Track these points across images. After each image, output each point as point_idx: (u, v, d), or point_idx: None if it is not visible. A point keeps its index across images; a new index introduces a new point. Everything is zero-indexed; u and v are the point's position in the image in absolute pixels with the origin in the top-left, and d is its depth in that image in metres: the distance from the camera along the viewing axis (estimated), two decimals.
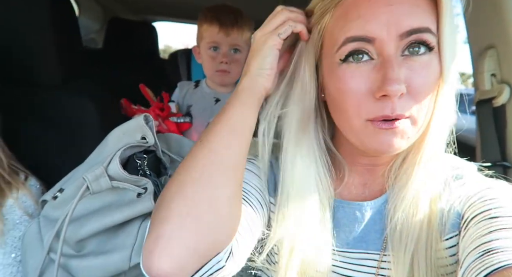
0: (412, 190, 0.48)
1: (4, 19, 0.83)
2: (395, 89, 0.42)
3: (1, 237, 0.63)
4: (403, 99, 0.43)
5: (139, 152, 0.61)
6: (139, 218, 0.56)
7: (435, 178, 0.49)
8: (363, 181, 0.54)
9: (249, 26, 1.19)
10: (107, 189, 0.54)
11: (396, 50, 0.44)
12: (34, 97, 0.87)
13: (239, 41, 1.17)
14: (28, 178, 0.71)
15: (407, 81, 0.43)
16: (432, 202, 0.48)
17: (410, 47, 0.44)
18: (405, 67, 0.44)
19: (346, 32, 0.45)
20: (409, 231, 0.47)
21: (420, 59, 0.44)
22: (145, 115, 0.62)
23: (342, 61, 0.46)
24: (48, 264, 0.55)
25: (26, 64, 0.86)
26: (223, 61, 1.16)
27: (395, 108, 0.43)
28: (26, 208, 0.67)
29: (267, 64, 0.49)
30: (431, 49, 0.44)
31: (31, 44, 0.84)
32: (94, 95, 0.93)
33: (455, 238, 0.47)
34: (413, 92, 0.44)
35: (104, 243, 0.55)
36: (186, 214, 0.41)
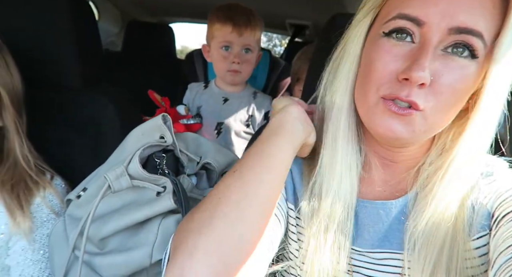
0: (440, 190, 0.47)
1: (27, 24, 0.86)
2: (417, 76, 0.41)
3: (30, 235, 0.66)
4: (423, 90, 0.42)
5: (158, 151, 0.62)
6: (159, 216, 0.57)
7: (466, 181, 0.47)
8: (385, 178, 0.53)
9: (260, 26, 1.19)
10: (127, 188, 0.56)
11: (439, 43, 0.42)
12: (57, 100, 0.90)
13: (251, 41, 1.17)
14: (53, 178, 0.74)
15: (435, 75, 0.42)
16: (460, 200, 0.46)
17: (454, 46, 0.42)
18: (439, 62, 0.42)
19: (402, 8, 0.44)
20: (436, 230, 0.46)
21: (459, 60, 0.42)
22: (163, 115, 0.64)
23: (385, 34, 0.45)
24: (74, 261, 0.57)
25: (49, 68, 0.89)
26: (234, 61, 1.16)
27: (411, 94, 0.42)
28: (53, 207, 0.70)
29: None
30: (474, 57, 0.41)
31: (53, 48, 0.87)
32: (114, 96, 0.95)
33: (484, 238, 0.45)
34: (436, 88, 0.42)
35: (125, 240, 0.57)
36: (213, 252, 0.38)
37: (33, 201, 0.68)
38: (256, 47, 1.20)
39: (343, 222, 0.50)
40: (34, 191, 0.68)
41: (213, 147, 0.70)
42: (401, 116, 0.43)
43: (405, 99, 0.42)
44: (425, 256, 0.45)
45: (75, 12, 0.87)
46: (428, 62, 0.41)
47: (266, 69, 1.70)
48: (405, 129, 0.44)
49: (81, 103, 0.90)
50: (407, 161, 0.52)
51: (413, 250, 0.47)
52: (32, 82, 0.85)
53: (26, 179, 0.68)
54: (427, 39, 0.42)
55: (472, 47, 0.41)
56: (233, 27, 1.13)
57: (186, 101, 1.32)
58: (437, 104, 0.43)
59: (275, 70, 1.71)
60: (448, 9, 0.41)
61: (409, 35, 0.43)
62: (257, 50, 1.21)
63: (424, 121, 0.44)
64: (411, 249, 0.47)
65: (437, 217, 0.46)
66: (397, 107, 0.43)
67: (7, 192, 0.66)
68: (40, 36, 0.86)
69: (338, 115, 0.52)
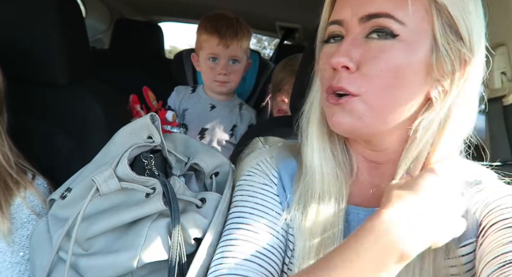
0: None
1: (13, 19, 0.84)
2: (336, 61, 0.45)
3: (9, 236, 0.64)
4: (352, 76, 0.45)
5: (146, 152, 0.61)
6: (149, 219, 0.55)
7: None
8: (373, 182, 0.54)
9: (248, 36, 1.21)
10: (116, 190, 0.54)
11: (360, 32, 0.46)
12: (42, 97, 0.88)
13: (238, 52, 1.18)
14: (35, 177, 0.71)
15: (360, 61, 0.45)
16: None
17: (373, 31, 0.45)
18: (362, 48, 0.45)
19: (331, 16, 0.50)
20: None
21: (379, 43, 0.45)
22: (151, 114, 0.62)
23: (325, 41, 0.51)
24: (57, 262, 0.56)
25: (34, 64, 0.86)
26: (221, 73, 1.18)
27: (340, 80, 0.46)
28: (34, 207, 0.68)
29: None
30: (393, 36, 0.44)
31: (39, 45, 0.85)
32: (101, 95, 0.93)
33: (471, 245, 0.46)
34: (365, 72, 0.45)
35: (112, 242, 0.55)
36: None
37: (13, 202, 0.66)
38: (244, 57, 1.21)
39: (332, 228, 0.50)
40: (15, 191, 0.66)
41: (202, 148, 0.69)
42: (339, 105, 0.46)
43: (336, 86, 0.46)
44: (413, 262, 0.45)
45: (61, 8, 0.86)
46: (346, 47, 0.45)
47: (255, 72, 1.70)
48: (350, 118, 0.46)
49: (66, 100, 0.88)
50: (390, 162, 0.52)
51: None
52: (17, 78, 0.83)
53: (6, 178, 0.66)
54: (347, 32, 0.47)
55: (386, 28, 0.44)
56: (220, 39, 1.15)
57: (171, 102, 1.32)
58: (372, 87, 0.45)
59: (264, 73, 1.71)
60: (355, 4, 0.46)
61: (340, 36, 0.49)
62: (245, 60, 1.22)
63: (366, 106, 0.45)
64: None
65: None
66: (334, 98, 0.47)
67: None
68: (26, 31, 0.84)
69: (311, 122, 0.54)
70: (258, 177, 0.57)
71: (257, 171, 0.57)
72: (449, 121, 0.46)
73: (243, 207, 0.54)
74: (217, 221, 0.56)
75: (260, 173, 0.57)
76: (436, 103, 0.46)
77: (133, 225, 0.55)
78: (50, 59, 0.86)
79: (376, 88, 0.45)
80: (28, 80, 0.87)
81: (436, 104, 0.46)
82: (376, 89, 0.45)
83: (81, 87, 0.91)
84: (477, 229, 0.46)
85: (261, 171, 0.57)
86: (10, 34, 0.84)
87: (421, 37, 0.44)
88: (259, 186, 0.55)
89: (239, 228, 0.52)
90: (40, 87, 0.88)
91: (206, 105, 1.26)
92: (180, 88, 1.34)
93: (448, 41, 0.44)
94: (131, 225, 0.55)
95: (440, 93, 0.46)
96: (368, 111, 0.46)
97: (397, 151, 0.51)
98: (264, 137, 0.85)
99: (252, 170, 0.58)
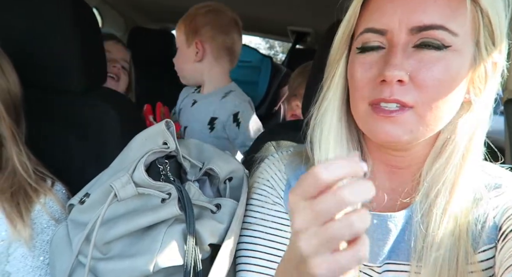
0: (444, 198, 0.46)
1: (32, 29, 0.86)
2: (391, 74, 0.43)
3: (31, 241, 0.65)
4: (405, 87, 0.44)
5: (161, 158, 0.62)
6: (165, 224, 0.56)
7: (468, 183, 0.47)
8: (391, 186, 0.53)
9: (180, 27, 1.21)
10: (133, 196, 0.55)
11: (408, 42, 0.44)
12: (59, 104, 0.90)
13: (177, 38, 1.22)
14: (54, 184, 0.73)
15: (413, 72, 0.43)
16: (466, 212, 0.46)
17: (422, 42, 0.44)
18: (413, 59, 0.44)
19: (366, 23, 0.47)
20: (441, 242, 0.45)
21: (431, 53, 0.44)
22: (166, 120, 0.63)
23: (358, 49, 0.48)
24: (76, 266, 0.57)
25: (52, 72, 0.89)
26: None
27: (393, 93, 0.44)
28: (53, 213, 0.69)
29: None
30: (444, 47, 0.43)
31: (56, 53, 0.87)
32: (116, 102, 0.95)
33: (490, 251, 0.45)
34: (418, 83, 0.43)
35: (129, 246, 0.56)
36: None
37: (33, 209, 0.68)
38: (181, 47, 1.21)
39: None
40: (34, 199, 0.68)
41: (216, 153, 0.70)
42: (392, 118, 0.44)
43: (390, 99, 0.44)
44: (432, 267, 0.44)
45: (79, 18, 0.88)
46: (399, 60, 0.43)
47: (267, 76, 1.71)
48: (401, 131, 0.45)
49: (82, 107, 0.90)
50: (413, 166, 0.51)
51: (420, 260, 0.46)
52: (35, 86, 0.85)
53: (26, 187, 0.68)
54: (393, 42, 0.45)
55: (437, 39, 0.43)
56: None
57: (178, 102, 1.33)
58: (426, 99, 0.44)
59: (276, 77, 1.71)
60: (404, 12, 0.44)
61: (377, 43, 0.47)
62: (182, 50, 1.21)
63: (419, 118, 0.44)
64: (418, 260, 0.46)
65: (442, 227, 0.46)
66: (385, 110, 0.44)
67: (7, 200, 0.65)
68: (44, 40, 0.87)
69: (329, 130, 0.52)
70: (269, 196, 0.58)
71: (268, 188, 0.59)
72: (479, 122, 0.47)
73: (254, 230, 0.56)
74: (235, 227, 0.57)
75: (271, 190, 0.58)
76: (475, 105, 0.47)
77: (149, 230, 0.56)
78: (67, 67, 0.88)
79: (430, 99, 0.44)
80: (46, 87, 0.90)
81: (475, 106, 0.47)
82: (430, 100, 0.44)
83: (97, 95, 0.93)
84: (496, 234, 0.45)
85: (271, 187, 0.58)
86: (29, 43, 0.87)
87: (469, 45, 0.44)
88: (270, 207, 0.57)
89: (253, 256, 0.54)
90: (58, 94, 0.90)
91: (189, 102, 1.24)
92: (186, 89, 1.34)
93: (487, 46, 0.45)
94: (147, 230, 0.56)
95: (478, 95, 0.47)
96: (419, 124, 0.45)
97: (423, 156, 0.50)
98: (277, 142, 0.86)
99: (263, 188, 0.59)
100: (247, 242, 0.56)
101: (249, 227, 0.57)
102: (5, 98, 0.69)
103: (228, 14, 1.20)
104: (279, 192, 0.58)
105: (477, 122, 0.47)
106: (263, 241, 0.55)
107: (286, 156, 0.62)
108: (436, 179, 0.48)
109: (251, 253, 0.55)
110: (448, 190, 0.46)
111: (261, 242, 0.55)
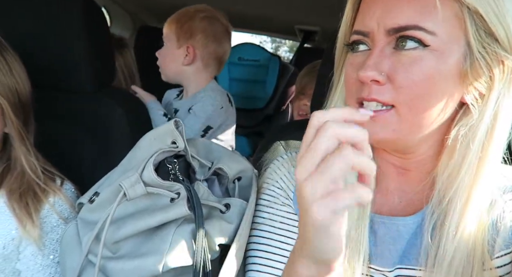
0: (458, 202, 0.45)
1: (42, 29, 0.87)
2: (363, 75, 0.44)
3: (40, 240, 0.66)
4: (383, 87, 0.44)
5: (170, 157, 0.62)
6: (174, 224, 0.56)
7: (483, 193, 0.45)
8: (400, 187, 0.52)
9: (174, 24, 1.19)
10: (142, 195, 0.55)
11: (386, 43, 0.45)
12: (68, 103, 0.91)
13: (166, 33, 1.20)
14: (63, 183, 0.74)
15: (390, 72, 0.44)
16: (481, 216, 0.45)
17: (400, 41, 0.44)
18: (391, 59, 0.44)
19: (356, 24, 0.49)
20: (456, 249, 0.44)
21: (409, 54, 0.43)
22: (175, 120, 0.63)
23: (349, 50, 0.50)
24: (86, 265, 0.57)
25: (61, 72, 0.89)
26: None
27: (371, 92, 0.44)
28: (62, 212, 0.70)
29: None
30: (424, 45, 0.43)
31: (66, 53, 0.88)
32: (125, 101, 0.95)
33: (507, 256, 0.44)
34: (396, 84, 0.43)
35: (139, 246, 0.56)
36: None
37: (42, 208, 0.68)
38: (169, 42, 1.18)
39: (356, 240, 0.49)
40: (43, 199, 0.68)
41: (225, 153, 0.69)
42: (373, 117, 0.44)
43: (368, 98, 0.45)
44: (446, 273, 0.43)
45: (88, 18, 0.88)
46: (372, 61, 0.44)
47: (275, 75, 1.70)
48: (383, 130, 0.45)
49: (91, 106, 0.91)
50: (420, 169, 0.50)
51: (433, 266, 0.45)
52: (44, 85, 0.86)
53: (34, 187, 0.68)
54: (374, 43, 0.46)
55: (415, 38, 0.43)
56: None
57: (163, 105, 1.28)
58: (404, 99, 0.44)
59: (284, 76, 1.70)
60: (382, 14, 0.45)
61: (364, 44, 0.48)
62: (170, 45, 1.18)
63: (399, 118, 0.44)
64: (431, 265, 0.45)
65: (457, 232, 0.44)
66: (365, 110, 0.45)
67: (16, 200, 0.66)
68: (54, 41, 0.87)
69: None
70: (278, 197, 0.58)
71: (277, 189, 0.58)
72: (496, 127, 0.45)
73: (263, 231, 0.56)
74: (245, 227, 0.56)
75: (280, 191, 0.58)
76: (474, 109, 0.45)
77: (159, 229, 0.56)
78: (76, 67, 0.89)
79: (408, 99, 0.44)
80: (55, 87, 0.90)
81: (474, 110, 0.45)
82: (409, 100, 0.44)
83: (105, 94, 0.93)
84: None
85: (281, 188, 0.58)
86: (39, 44, 0.87)
87: (453, 44, 0.43)
88: (279, 208, 0.57)
89: (262, 256, 0.54)
90: (67, 94, 0.91)
91: (171, 112, 1.20)
92: (168, 93, 1.30)
93: (484, 45, 0.43)
94: (156, 229, 0.56)
95: (477, 98, 0.45)
96: (401, 123, 0.44)
97: (431, 157, 0.49)
98: (285, 141, 0.85)
99: (272, 188, 0.59)
100: (256, 242, 0.56)
101: (258, 228, 0.57)
102: (13, 98, 0.69)
103: (222, 23, 1.19)
104: (288, 193, 0.57)
105: (485, 128, 0.45)
106: (272, 241, 0.55)
107: (295, 157, 0.61)
108: (448, 187, 0.46)
109: (260, 253, 0.55)
110: (462, 200, 0.45)
111: (270, 243, 0.55)
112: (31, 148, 0.71)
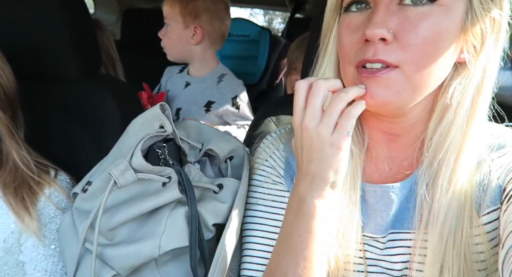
0: (451, 159, 0.45)
1: (21, 19, 0.84)
2: (371, 32, 0.41)
3: (39, 232, 0.67)
4: (389, 47, 0.42)
5: (159, 142, 0.61)
6: (167, 208, 0.57)
7: (473, 149, 0.45)
8: (390, 154, 0.52)
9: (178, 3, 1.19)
10: (133, 181, 0.55)
11: (391, 0, 0.43)
12: (55, 93, 0.90)
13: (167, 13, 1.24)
14: (58, 174, 0.74)
15: (397, 30, 0.42)
16: (470, 176, 0.45)
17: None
18: (397, 16, 0.42)
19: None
20: (447, 208, 0.44)
21: (417, 9, 0.41)
22: (161, 104, 0.62)
23: (344, 9, 0.47)
24: (84, 253, 0.58)
25: (45, 61, 0.88)
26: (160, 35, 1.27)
27: (377, 52, 0.42)
28: (59, 203, 0.70)
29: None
30: (433, 1, 0.41)
31: (48, 42, 0.86)
32: (113, 87, 0.94)
33: (494, 213, 0.44)
34: (403, 41, 0.42)
35: (134, 231, 0.57)
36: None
37: (39, 201, 0.69)
38: (174, 23, 1.20)
39: (349, 210, 0.49)
40: (38, 191, 0.69)
41: (215, 134, 0.69)
42: (377, 78, 0.43)
43: (373, 59, 0.42)
44: (438, 233, 0.44)
45: (66, 4, 0.86)
46: (380, 18, 0.42)
47: (266, 49, 1.66)
48: (386, 92, 0.43)
49: (79, 95, 0.90)
50: (411, 133, 0.50)
51: (426, 226, 0.46)
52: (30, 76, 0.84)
53: (29, 180, 0.68)
54: (377, 0, 0.43)
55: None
56: None
57: (161, 82, 1.33)
58: (411, 58, 0.42)
59: (275, 50, 1.67)
60: None
61: (364, 3, 0.45)
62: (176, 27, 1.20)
63: (405, 79, 0.43)
64: (424, 228, 0.46)
65: (447, 193, 0.45)
66: (369, 71, 0.43)
67: (11, 195, 0.66)
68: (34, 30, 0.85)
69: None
70: (269, 176, 0.58)
71: (267, 168, 0.58)
72: (485, 82, 0.44)
73: (256, 211, 0.57)
74: (239, 205, 0.57)
75: (271, 170, 0.58)
76: (470, 66, 0.44)
77: (153, 214, 0.56)
78: (60, 55, 0.87)
79: (416, 57, 0.42)
80: (41, 77, 0.89)
81: (470, 67, 0.44)
82: (417, 58, 0.42)
83: (93, 81, 0.92)
84: (500, 195, 0.44)
85: (271, 167, 0.58)
86: (19, 34, 0.85)
87: (458, 0, 0.42)
88: (271, 187, 0.57)
89: (257, 235, 0.55)
90: (54, 83, 0.90)
91: (181, 84, 1.26)
92: (169, 69, 1.35)
93: (481, 0, 0.42)
94: (150, 214, 0.57)
95: (473, 54, 0.44)
96: (406, 84, 0.43)
97: (421, 121, 0.49)
98: (277, 117, 0.84)
99: (262, 168, 0.59)
100: (251, 222, 0.57)
101: (252, 208, 0.58)
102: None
103: (223, 0, 1.24)
104: (278, 171, 0.57)
105: (476, 83, 0.44)
106: (266, 220, 0.55)
107: (284, 134, 0.60)
108: (439, 147, 0.46)
109: (256, 232, 0.56)
110: (453, 157, 0.45)
111: (264, 222, 0.55)
112: (21, 142, 0.71)
